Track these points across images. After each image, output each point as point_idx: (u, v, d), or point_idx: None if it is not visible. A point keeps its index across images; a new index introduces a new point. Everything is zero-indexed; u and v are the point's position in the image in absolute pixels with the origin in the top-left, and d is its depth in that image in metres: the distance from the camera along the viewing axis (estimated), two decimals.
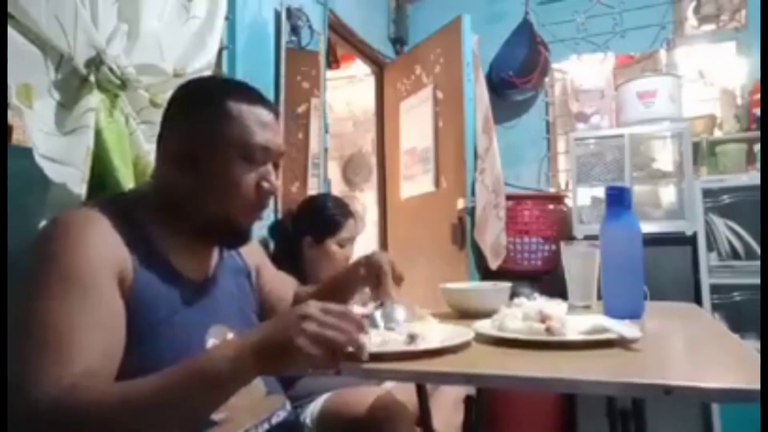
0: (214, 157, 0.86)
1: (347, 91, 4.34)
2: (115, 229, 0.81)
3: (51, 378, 0.67)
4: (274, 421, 0.95)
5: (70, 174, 1.15)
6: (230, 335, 0.90)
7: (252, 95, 0.90)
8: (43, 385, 0.66)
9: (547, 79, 3.14)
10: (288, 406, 1.02)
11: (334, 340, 0.68)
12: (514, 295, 1.19)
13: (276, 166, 0.93)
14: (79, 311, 0.72)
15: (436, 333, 0.92)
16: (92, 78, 1.22)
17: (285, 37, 2.26)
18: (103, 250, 0.77)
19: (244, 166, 0.87)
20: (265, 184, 0.89)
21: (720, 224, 2.35)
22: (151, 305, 0.80)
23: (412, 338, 0.88)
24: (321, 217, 1.73)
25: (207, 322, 0.88)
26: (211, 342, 0.86)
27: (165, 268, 0.85)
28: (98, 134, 1.23)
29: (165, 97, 1.41)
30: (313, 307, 0.70)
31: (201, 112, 0.87)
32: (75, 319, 0.71)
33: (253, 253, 1.13)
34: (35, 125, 1.12)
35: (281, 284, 1.22)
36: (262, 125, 0.88)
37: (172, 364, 0.71)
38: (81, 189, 1.17)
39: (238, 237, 0.93)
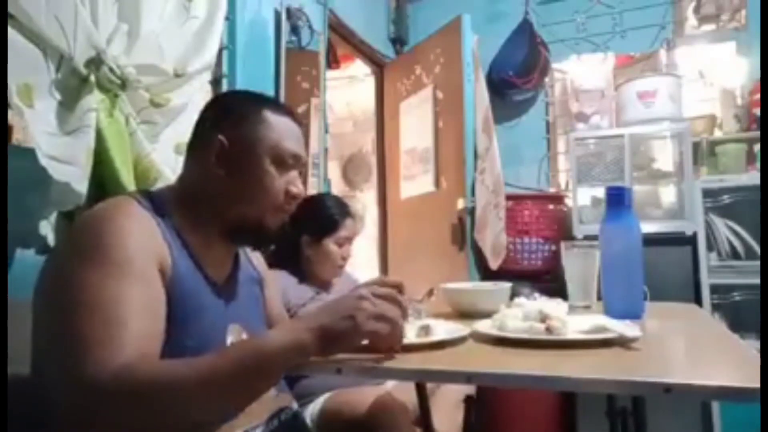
0: (251, 159, 0.92)
1: (347, 91, 4.34)
2: (152, 220, 0.85)
3: (107, 355, 0.69)
4: (283, 418, 0.98)
5: (73, 173, 1.16)
6: (244, 335, 0.94)
7: (285, 109, 1.00)
8: (100, 362, 0.68)
9: (547, 79, 3.15)
10: (294, 405, 1.05)
11: (388, 315, 0.76)
12: (514, 295, 1.19)
13: (300, 174, 1.00)
14: (129, 294, 0.74)
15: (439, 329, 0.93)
16: (92, 78, 1.23)
17: (285, 37, 2.26)
18: (147, 239, 0.81)
19: (275, 170, 0.93)
20: (293, 189, 0.96)
21: (720, 224, 2.35)
22: (183, 298, 0.83)
23: (425, 330, 0.89)
24: (319, 216, 1.73)
25: (226, 320, 0.92)
26: (229, 340, 0.90)
27: (194, 264, 0.89)
28: (98, 134, 1.23)
29: (165, 97, 1.42)
30: (365, 289, 0.79)
31: (242, 117, 0.94)
32: (125, 301, 0.74)
33: (264, 269, 1.18)
34: (37, 125, 1.13)
35: (281, 318, 1.22)
36: (293, 135, 0.97)
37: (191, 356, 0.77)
38: (83, 188, 1.17)
39: (264, 238, 0.98)
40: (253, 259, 1.12)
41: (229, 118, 0.94)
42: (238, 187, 0.92)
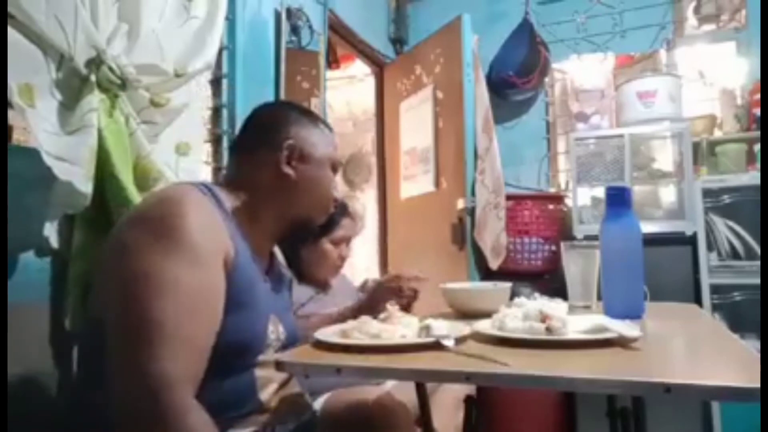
0: (315, 161, 1.03)
1: (347, 91, 4.34)
2: (216, 211, 0.90)
3: (171, 367, 0.74)
4: (303, 419, 1.03)
5: (76, 173, 1.15)
6: (280, 327, 1.00)
7: (327, 123, 1.12)
8: (173, 385, 0.74)
9: (547, 79, 3.14)
10: (313, 408, 1.11)
11: None
12: (514, 295, 1.19)
13: None
14: (200, 288, 0.80)
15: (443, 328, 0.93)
16: (93, 78, 1.22)
17: (285, 37, 2.26)
18: (215, 231, 0.87)
19: (331, 176, 1.07)
20: (337, 193, 1.09)
21: (720, 224, 2.35)
22: (241, 285, 0.89)
23: (426, 330, 0.90)
24: None
25: (268, 310, 0.98)
26: (270, 328, 0.96)
27: (250, 254, 0.94)
28: (98, 134, 1.23)
29: (165, 97, 1.42)
30: None
31: (304, 124, 1.04)
32: (196, 299, 0.79)
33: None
34: (38, 125, 1.13)
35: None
36: (337, 146, 1.11)
37: (241, 343, 0.88)
38: (87, 188, 1.17)
39: (310, 236, 1.11)
40: (281, 259, 1.19)
41: (295, 125, 1.03)
42: (304, 186, 1.01)
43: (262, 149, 1.01)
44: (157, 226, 0.82)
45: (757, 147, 2.52)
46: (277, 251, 1.18)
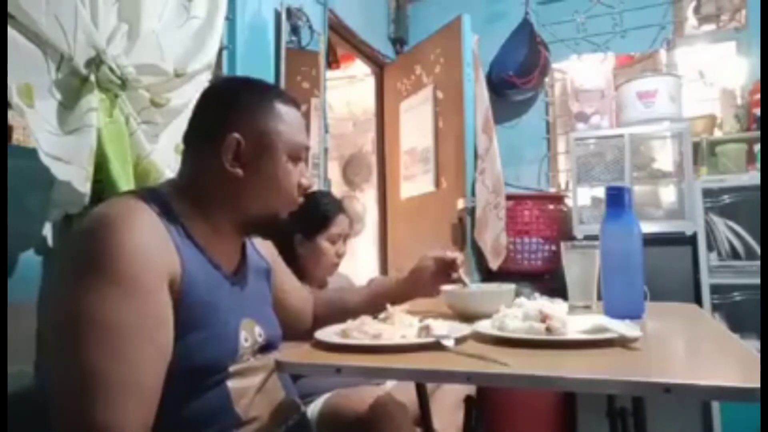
0: (269, 157, 0.90)
1: (347, 91, 4.34)
2: (161, 224, 0.82)
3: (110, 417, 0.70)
4: (290, 423, 0.98)
5: (75, 173, 1.15)
6: (257, 329, 0.93)
7: (290, 98, 0.97)
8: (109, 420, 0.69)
9: (547, 79, 3.15)
10: (302, 408, 1.05)
11: None
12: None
13: (306, 163, 1.01)
14: (136, 324, 0.73)
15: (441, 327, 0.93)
16: (92, 78, 1.23)
17: (285, 37, 2.26)
18: (155, 250, 0.78)
19: (290, 164, 0.93)
20: (304, 181, 0.96)
21: (720, 224, 2.35)
22: (198, 301, 0.82)
23: (426, 329, 0.90)
24: (309, 213, 1.71)
25: (239, 315, 0.91)
26: (242, 335, 0.89)
27: (206, 262, 0.87)
28: (98, 134, 1.23)
29: (165, 97, 1.42)
30: None
31: (255, 111, 0.91)
32: (133, 334, 0.73)
33: (271, 252, 1.16)
34: (38, 124, 1.13)
35: (298, 298, 1.23)
36: (301, 126, 0.96)
37: (208, 362, 0.81)
38: (85, 188, 1.17)
39: (276, 229, 0.98)
40: (259, 246, 1.09)
41: (241, 112, 0.90)
42: (257, 185, 0.90)
43: (206, 146, 0.89)
44: (87, 260, 0.74)
45: (757, 147, 2.52)
46: (261, 243, 1.11)
